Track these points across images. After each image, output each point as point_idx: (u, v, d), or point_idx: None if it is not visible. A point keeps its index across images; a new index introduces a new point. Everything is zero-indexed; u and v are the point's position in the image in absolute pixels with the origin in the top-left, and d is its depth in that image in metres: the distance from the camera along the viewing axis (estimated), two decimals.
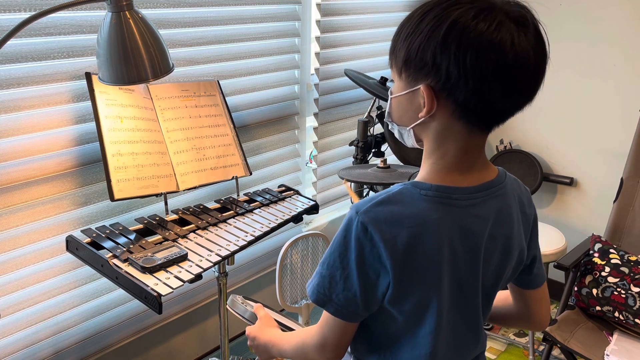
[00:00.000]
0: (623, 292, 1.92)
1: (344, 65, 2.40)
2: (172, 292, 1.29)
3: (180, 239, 1.51)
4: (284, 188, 1.96)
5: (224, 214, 1.68)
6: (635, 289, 1.91)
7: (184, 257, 1.40)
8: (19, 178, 1.49)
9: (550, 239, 2.41)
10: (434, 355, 0.87)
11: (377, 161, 2.04)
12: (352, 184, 1.37)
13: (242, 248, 1.51)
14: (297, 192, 1.93)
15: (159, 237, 1.51)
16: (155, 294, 1.26)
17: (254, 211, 1.73)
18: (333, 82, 2.39)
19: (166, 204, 1.62)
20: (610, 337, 1.93)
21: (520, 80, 0.76)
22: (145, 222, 1.59)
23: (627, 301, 1.91)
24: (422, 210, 0.80)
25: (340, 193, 2.62)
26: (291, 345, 0.97)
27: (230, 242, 1.52)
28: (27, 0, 1.42)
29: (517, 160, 2.71)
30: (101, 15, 1.44)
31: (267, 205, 1.78)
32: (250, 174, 1.82)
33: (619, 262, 1.99)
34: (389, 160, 2.06)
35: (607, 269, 1.98)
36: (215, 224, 1.61)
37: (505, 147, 2.76)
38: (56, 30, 1.49)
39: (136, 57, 1.26)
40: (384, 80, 2.26)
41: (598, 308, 1.98)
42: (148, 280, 1.30)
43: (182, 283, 1.32)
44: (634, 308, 1.89)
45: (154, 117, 1.66)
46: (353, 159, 2.28)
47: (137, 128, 1.59)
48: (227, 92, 1.90)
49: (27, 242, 1.55)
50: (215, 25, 1.88)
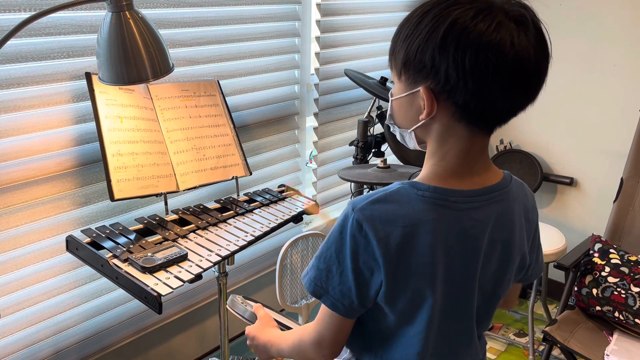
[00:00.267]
0: (623, 292, 1.92)
1: (344, 65, 2.40)
2: (172, 292, 1.29)
3: (180, 239, 1.51)
4: (284, 188, 1.96)
5: (224, 214, 1.68)
6: (635, 289, 1.91)
7: (184, 257, 1.40)
8: (19, 178, 1.49)
9: (550, 239, 2.41)
10: (423, 356, 0.86)
11: (377, 161, 2.03)
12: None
13: (242, 248, 1.51)
14: (297, 192, 1.93)
15: (159, 237, 1.51)
16: (155, 294, 1.26)
17: (254, 211, 1.73)
18: (333, 82, 2.39)
19: (166, 204, 1.62)
20: (610, 337, 1.93)
21: (520, 81, 0.75)
22: (145, 222, 1.59)
23: (627, 301, 1.91)
24: (417, 210, 0.80)
25: (340, 193, 2.62)
26: (289, 344, 0.97)
27: (230, 242, 1.52)
28: (27, 0, 1.42)
29: (517, 160, 2.71)
30: (101, 15, 1.44)
31: (267, 205, 1.79)
32: (250, 174, 1.82)
33: (619, 262, 1.99)
34: (389, 160, 2.06)
35: (607, 269, 1.98)
36: (215, 224, 1.61)
37: (505, 147, 2.76)
38: (56, 30, 1.49)
39: (136, 57, 1.26)
40: (384, 80, 2.26)
41: (598, 308, 1.98)
42: (148, 280, 1.30)
43: (182, 283, 1.32)
44: (634, 308, 1.89)
45: (154, 117, 1.66)
46: (353, 159, 2.28)
47: (137, 128, 1.59)
48: (227, 92, 1.90)
49: (27, 242, 1.55)
50: (215, 25, 1.88)
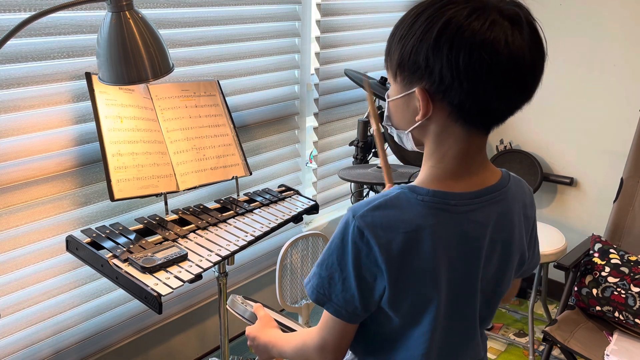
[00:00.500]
0: (623, 292, 1.92)
1: (344, 65, 2.40)
2: (172, 292, 1.29)
3: (180, 239, 1.51)
4: (284, 188, 1.96)
5: (224, 214, 1.68)
6: (635, 289, 1.91)
7: (184, 257, 1.40)
8: (19, 178, 1.49)
9: (550, 239, 2.41)
10: (428, 357, 0.86)
11: (377, 161, 2.03)
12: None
13: (242, 248, 1.51)
14: (297, 192, 1.93)
15: (159, 237, 1.51)
16: (155, 294, 1.26)
17: (254, 211, 1.73)
18: (333, 82, 2.39)
19: (166, 204, 1.62)
20: (610, 337, 1.93)
21: (515, 80, 0.75)
22: (145, 222, 1.59)
23: (627, 301, 1.91)
24: (418, 215, 0.80)
25: (340, 193, 2.62)
26: (291, 346, 0.97)
27: (230, 242, 1.52)
28: (27, 0, 1.42)
29: (517, 160, 2.71)
30: (101, 15, 1.44)
31: (267, 205, 1.78)
32: (250, 174, 1.82)
33: (619, 262, 1.99)
34: (389, 160, 2.06)
35: (607, 269, 1.98)
36: (215, 224, 1.61)
37: (505, 147, 2.76)
38: (56, 30, 1.50)
39: (136, 57, 1.26)
40: (384, 80, 2.26)
41: (598, 308, 1.98)
42: (148, 280, 1.30)
43: (182, 283, 1.32)
44: (634, 308, 1.89)
45: (154, 117, 1.66)
46: (353, 159, 2.28)
47: (137, 128, 1.59)
48: (227, 92, 1.90)
49: (27, 242, 1.55)
50: (215, 25, 1.88)
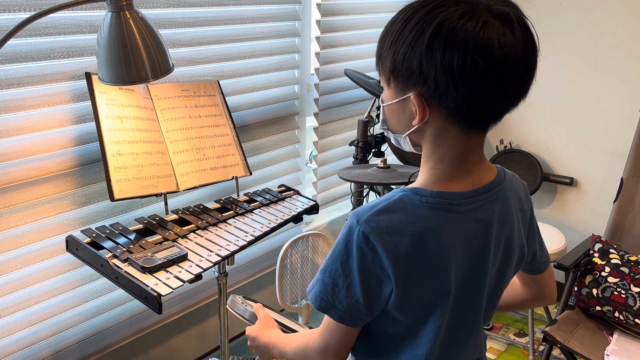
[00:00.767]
0: (623, 292, 1.92)
1: (344, 65, 2.40)
2: (172, 292, 1.29)
3: (180, 239, 1.51)
4: (284, 188, 1.96)
5: (224, 214, 1.68)
6: (635, 289, 1.91)
7: (184, 257, 1.40)
8: (19, 178, 1.49)
9: (550, 239, 2.41)
10: (430, 357, 0.87)
11: (377, 161, 2.03)
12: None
13: (242, 248, 1.51)
14: (297, 192, 1.93)
15: (159, 237, 1.51)
16: (155, 294, 1.26)
17: (254, 211, 1.73)
18: (333, 82, 2.39)
19: (166, 204, 1.62)
20: (610, 337, 1.93)
21: (510, 79, 0.74)
22: (145, 222, 1.59)
23: (627, 301, 1.91)
24: (423, 217, 0.80)
25: (341, 193, 2.62)
26: (292, 348, 0.97)
27: (230, 242, 1.52)
28: (27, 0, 1.42)
29: (517, 160, 2.71)
30: (101, 15, 1.44)
31: (267, 205, 1.78)
32: (250, 174, 1.82)
33: (619, 262, 1.99)
34: (389, 160, 2.06)
35: (607, 269, 1.98)
36: (215, 224, 1.61)
37: (505, 147, 2.76)
38: (56, 30, 1.49)
39: (136, 57, 1.26)
40: None
41: (598, 308, 1.98)
42: (148, 280, 1.30)
43: (182, 283, 1.32)
44: (634, 308, 1.89)
45: (154, 117, 1.66)
46: (353, 159, 2.28)
47: (137, 128, 1.59)
48: (227, 92, 1.90)
49: (27, 242, 1.55)
50: (215, 25, 1.88)
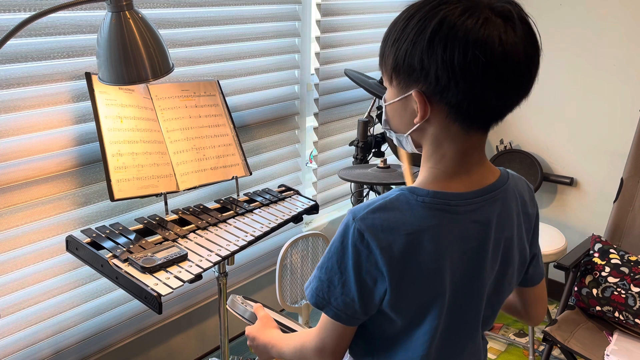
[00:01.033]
0: (623, 292, 1.92)
1: (344, 65, 2.40)
2: (172, 292, 1.29)
3: (180, 239, 1.51)
4: (284, 188, 1.96)
5: (224, 214, 1.68)
6: (635, 289, 1.91)
7: (184, 257, 1.40)
8: (19, 178, 1.49)
9: (550, 239, 2.41)
10: (427, 358, 0.86)
11: (377, 161, 2.03)
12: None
13: (242, 248, 1.51)
14: (297, 192, 1.93)
15: (159, 237, 1.51)
16: (155, 294, 1.26)
17: (254, 211, 1.73)
18: (333, 82, 2.39)
19: (166, 204, 1.62)
20: (610, 337, 1.93)
21: (511, 77, 0.74)
22: (145, 222, 1.59)
23: (627, 301, 1.91)
24: (418, 217, 0.80)
25: (340, 193, 2.62)
26: (290, 347, 0.97)
27: (230, 242, 1.52)
28: (27, 0, 1.42)
29: (517, 160, 2.71)
30: (101, 15, 1.44)
31: (267, 205, 1.78)
32: (250, 174, 1.82)
33: (619, 262, 1.99)
34: (389, 160, 2.06)
35: (607, 269, 1.98)
36: (215, 224, 1.61)
37: (505, 147, 2.76)
38: (56, 30, 1.49)
39: (136, 57, 1.26)
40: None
41: (598, 308, 1.98)
42: (148, 280, 1.30)
43: (182, 283, 1.32)
44: (634, 308, 1.89)
45: (154, 117, 1.66)
46: (353, 159, 2.28)
47: (137, 128, 1.59)
48: (227, 92, 1.90)
49: (27, 242, 1.55)
50: (215, 25, 1.88)
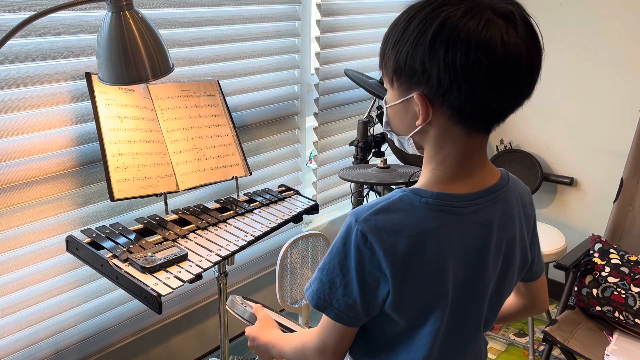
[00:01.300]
0: (623, 292, 1.92)
1: (344, 65, 2.40)
2: (172, 292, 1.29)
3: (180, 239, 1.51)
4: (284, 188, 1.96)
5: (224, 214, 1.68)
6: (635, 289, 1.91)
7: (184, 257, 1.40)
8: (19, 178, 1.49)
9: (550, 239, 2.41)
10: (429, 359, 0.86)
11: (377, 161, 2.03)
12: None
13: (242, 248, 1.51)
14: (297, 192, 1.93)
15: (159, 237, 1.51)
16: (155, 294, 1.26)
17: (254, 211, 1.73)
18: (333, 82, 2.39)
19: (166, 204, 1.62)
20: (610, 337, 1.93)
21: (514, 78, 0.74)
22: (145, 222, 1.59)
23: (627, 301, 1.91)
24: (422, 218, 0.79)
25: (340, 193, 2.62)
26: (291, 347, 0.97)
27: (230, 242, 1.52)
28: (27, 0, 1.42)
29: (517, 160, 2.71)
30: (101, 15, 1.44)
31: (267, 205, 1.78)
32: (250, 174, 1.82)
33: (619, 262, 1.99)
34: (389, 160, 2.06)
35: (607, 269, 1.98)
36: (215, 224, 1.61)
37: (505, 147, 2.76)
38: (56, 30, 1.49)
39: (136, 57, 1.26)
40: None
41: (598, 308, 1.98)
42: (148, 280, 1.30)
43: (182, 283, 1.32)
44: (634, 308, 1.89)
45: (154, 117, 1.66)
46: (353, 159, 2.28)
47: (137, 128, 1.59)
48: (227, 92, 1.90)
49: (27, 242, 1.55)
50: (215, 25, 1.88)
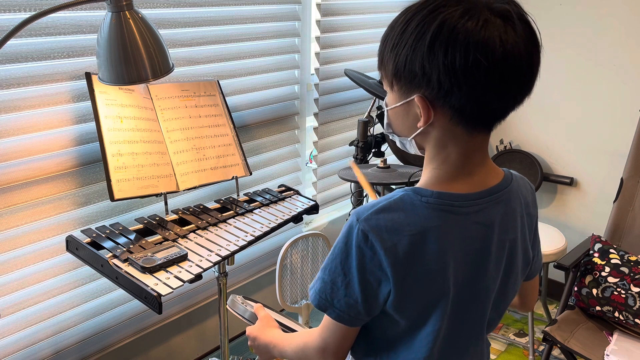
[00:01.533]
0: (623, 292, 1.92)
1: (344, 65, 2.40)
2: (172, 292, 1.29)
3: (180, 239, 1.51)
4: (284, 188, 1.96)
5: (224, 214, 1.68)
6: (635, 289, 1.91)
7: (184, 257, 1.40)
8: (19, 178, 1.49)
9: (550, 239, 2.41)
10: (430, 359, 0.86)
11: (377, 161, 2.03)
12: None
13: (242, 248, 1.51)
14: (297, 192, 1.93)
15: (159, 237, 1.51)
16: (155, 294, 1.26)
17: (254, 211, 1.73)
18: (333, 82, 2.39)
19: (166, 204, 1.62)
20: (610, 337, 1.93)
21: (513, 77, 0.74)
22: (145, 222, 1.59)
23: (627, 301, 1.91)
24: (423, 218, 0.80)
25: (340, 193, 2.62)
26: (292, 347, 0.97)
27: (230, 242, 1.52)
28: (27, 0, 1.42)
29: (517, 160, 2.71)
30: (101, 15, 1.44)
31: (267, 205, 1.78)
32: (250, 174, 1.82)
33: (619, 262, 1.99)
34: (389, 160, 2.06)
35: (607, 269, 1.98)
36: (215, 224, 1.61)
37: (505, 147, 2.76)
38: (56, 30, 1.49)
39: (136, 57, 1.26)
40: None
41: (598, 308, 1.98)
42: (148, 280, 1.30)
43: (182, 283, 1.32)
44: (634, 308, 1.89)
45: (154, 117, 1.66)
46: (353, 159, 2.28)
47: (137, 128, 1.59)
48: (227, 92, 1.90)
49: (27, 242, 1.55)
50: (215, 25, 1.88)
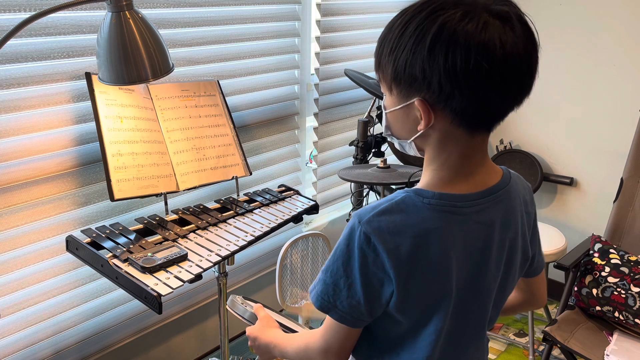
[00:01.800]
0: (623, 292, 1.92)
1: (344, 65, 2.40)
2: (172, 292, 1.29)
3: (180, 239, 1.51)
4: (284, 188, 1.96)
5: (224, 214, 1.68)
6: (635, 289, 1.91)
7: (184, 257, 1.40)
8: (19, 178, 1.49)
9: (550, 239, 2.41)
10: (431, 359, 0.86)
11: (377, 161, 2.03)
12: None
13: (242, 248, 1.51)
14: (297, 192, 1.93)
15: (159, 237, 1.51)
16: (155, 294, 1.26)
17: (254, 211, 1.73)
18: (333, 82, 2.39)
19: (166, 204, 1.62)
20: (610, 337, 1.93)
21: (514, 78, 0.74)
22: (145, 222, 1.59)
23: (627, 301, 1.91)
24: (425, 219, 0.80)
25: (340, 193, 2.62)
26: (294, 348, 0.97)
27: (230, 242, 1.52)
28: (27, 0, 1.42)
29: (517, 160, 2.71)
30: (101, 15, 1.44)
31: (267, 205, 1.78)
32: (250, 174, 1.82)
33: (619, 262, 1.99)
34: (389, 160, 2.06)
35: (607, 269, 1.98)
36: (215, 224, 1.61)
37: (505, 147, 2.76)
38: (56, 30, 1.49)
39: (136, 57, 1.26)
40: None
41: (598, 308, 1.98)
42: (148, 280, 1.30)
43: (182, 283, 1.32)
44: (634, 308, 1.89)
45: (154, 117, 1.66)
46: (353, 159, 2.28)
47: (137, 128, 1.59)
48: (227, 92, 1.90)
49: (27, 242, 1.55)
50: (215, 25, 1.88)
